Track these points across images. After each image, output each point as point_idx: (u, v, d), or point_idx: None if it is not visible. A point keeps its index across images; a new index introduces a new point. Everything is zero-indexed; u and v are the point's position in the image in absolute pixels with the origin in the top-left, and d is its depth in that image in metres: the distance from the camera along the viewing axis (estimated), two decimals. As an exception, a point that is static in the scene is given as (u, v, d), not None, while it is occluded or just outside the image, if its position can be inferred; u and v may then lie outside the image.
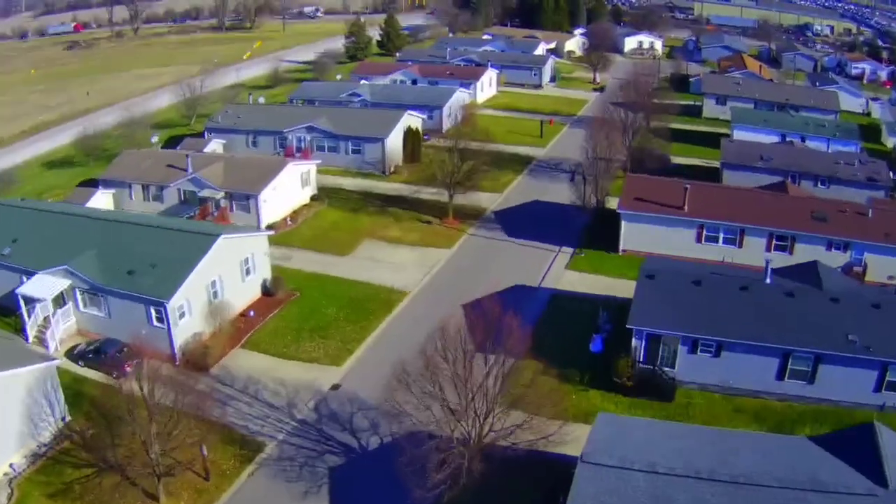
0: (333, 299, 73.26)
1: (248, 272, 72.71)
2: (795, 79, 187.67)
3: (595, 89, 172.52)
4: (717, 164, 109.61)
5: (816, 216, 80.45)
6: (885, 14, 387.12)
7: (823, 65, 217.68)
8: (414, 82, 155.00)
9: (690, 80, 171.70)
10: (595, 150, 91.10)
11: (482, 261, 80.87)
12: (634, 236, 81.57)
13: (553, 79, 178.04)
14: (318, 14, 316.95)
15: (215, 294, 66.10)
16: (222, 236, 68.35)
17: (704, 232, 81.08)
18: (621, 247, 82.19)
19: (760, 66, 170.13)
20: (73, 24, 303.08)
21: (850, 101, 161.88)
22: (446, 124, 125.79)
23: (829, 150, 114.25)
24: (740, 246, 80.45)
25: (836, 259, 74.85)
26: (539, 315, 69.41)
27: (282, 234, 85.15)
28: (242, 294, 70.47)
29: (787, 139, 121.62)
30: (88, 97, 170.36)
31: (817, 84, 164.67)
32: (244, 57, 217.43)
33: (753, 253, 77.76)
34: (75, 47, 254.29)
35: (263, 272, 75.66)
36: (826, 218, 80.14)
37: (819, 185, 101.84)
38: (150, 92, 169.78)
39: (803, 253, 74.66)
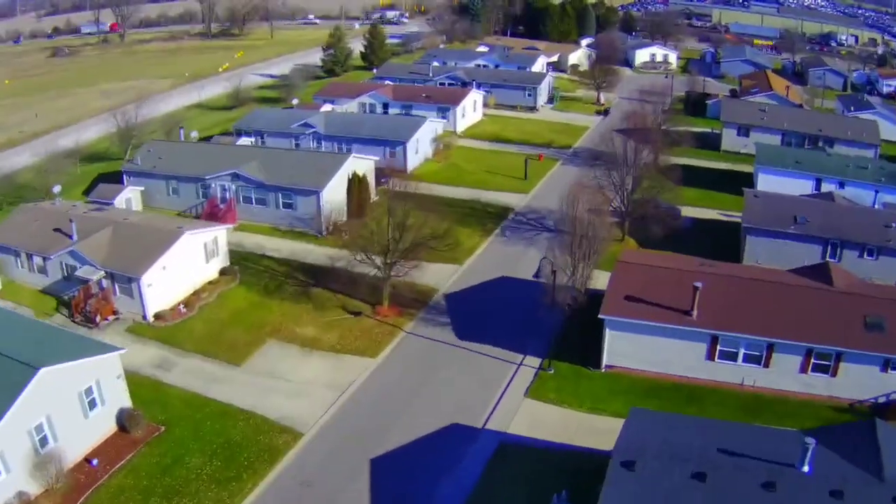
0: (205, 441, 53.87)
1: (92, 405, 53.61)
2: (824, 97, 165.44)
3: (598, 112, 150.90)
4: (738, 216, 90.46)
5: (871, 323, 59.78)
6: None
7: (853, 81, 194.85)
8: (385, 107, 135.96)
9: (708, 101, 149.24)
10: (573, 226, 68.23)
11: (414, 380, 61.58)
12: (623, 349, 61.32)
13: (551, 100, 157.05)
14: (312, 20, 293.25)
15: (43, 441, 48.72)
16: (43, 370, 48.50)
17: (718, 347, 60.85)
18: (605, 362, 62.18)
19: (788, 87, 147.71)
20: (109, 24, 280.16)
21: (889, 129, 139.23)
22: (412, 163, 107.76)
23: (876, 203, 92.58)
24: (766, 365, 60.21)
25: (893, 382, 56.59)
26: (472, 487, 50.50)
27: (168, 330, 67.83)
28: (85, 434, 52.55)
29: (824, 187, 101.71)
30: (37, 119, 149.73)
31: (852, 108, 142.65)
32: (220, 69, 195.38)
33: (783, 374, 59.29)
34: (60, 54, 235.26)
35: (117, 401, 56.04)
36: (883, 325, 59.37)
37: (866, 255, 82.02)
38: (94, 116, 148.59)
39: (849, 375, 57.66)
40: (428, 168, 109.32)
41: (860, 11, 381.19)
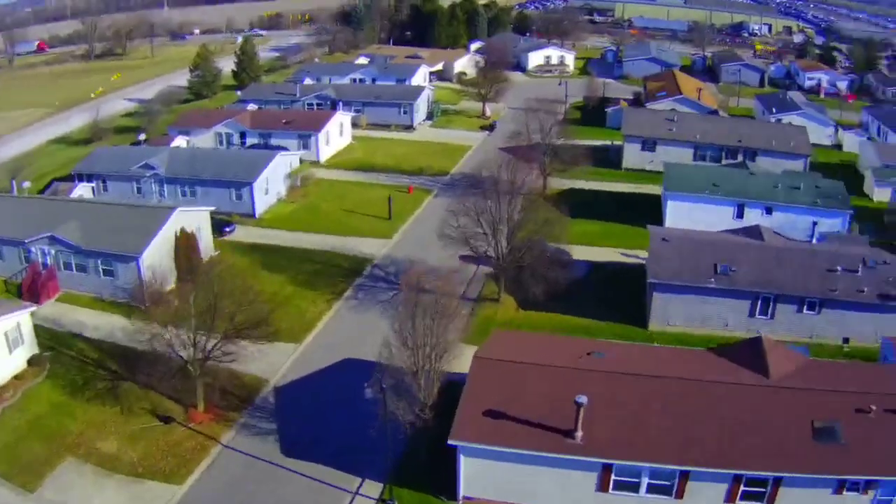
0: None
1: None
2: (740, 96, 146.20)
3: (483, 127, 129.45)
4: (644, 257, 74.22)
5: (820, 430, 43.15)
6: (819, 6, 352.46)
7: (770, 75, 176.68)
8: (243, 137, 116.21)
9: (607, 109, 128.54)
10: (410, 312, 48.40)
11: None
12: (484, 479, 45.12)
13: (431, 115, 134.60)
14: (196, 34, 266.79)
15: None
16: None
17: (613, 476, 43.23)
18: (461, 493, 45.50)
19: (700, 90, 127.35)
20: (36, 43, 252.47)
21: (816, 131, 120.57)
22: (261, 206, 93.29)
23: (813, 237, 74.86)
24: (679, 496, 42.72)
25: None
26: None
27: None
28: None
29: (747, 214, 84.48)
30: None
31: (773, 110, 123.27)
32: (93, 95, 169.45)
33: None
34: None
35: None
36: (837, 433, 42.96)
37: (805, 310, 64.49)
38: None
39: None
40: (280, 210, 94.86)
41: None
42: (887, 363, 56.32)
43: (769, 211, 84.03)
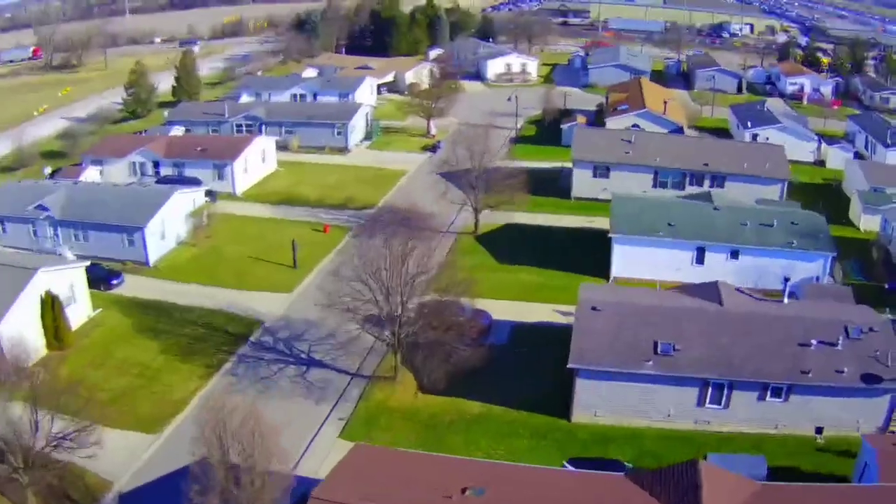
0: None
1: None
2: (714, 104, 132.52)
3: (426, 147, 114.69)
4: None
5: None
6: (804, 4, 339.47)
7: (749, 80, 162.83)
8: (156, 166, 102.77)
9: (563, 126, 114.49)
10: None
11: None
12: None
13: (369, 136, 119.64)
14: (157, 42, 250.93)
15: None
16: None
17: None
18: None
19: (666, 103, 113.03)
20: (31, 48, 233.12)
21: (797, 147, 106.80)
22: (157, 253, 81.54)
23: (785, 295, 58.51)
24: None
25: None
26: None
27: None
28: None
29: (709, 259, 72.10)
30: None
31: (748, 124, 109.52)
32: (36, 113, 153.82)
33: None
34: None
35: None
36: None
37: (769, 397, 51.46)
38: None
39: None
40: (178, 257, 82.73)
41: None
42: (863, 484, 42.32)
43: (735, 255, 71.16)
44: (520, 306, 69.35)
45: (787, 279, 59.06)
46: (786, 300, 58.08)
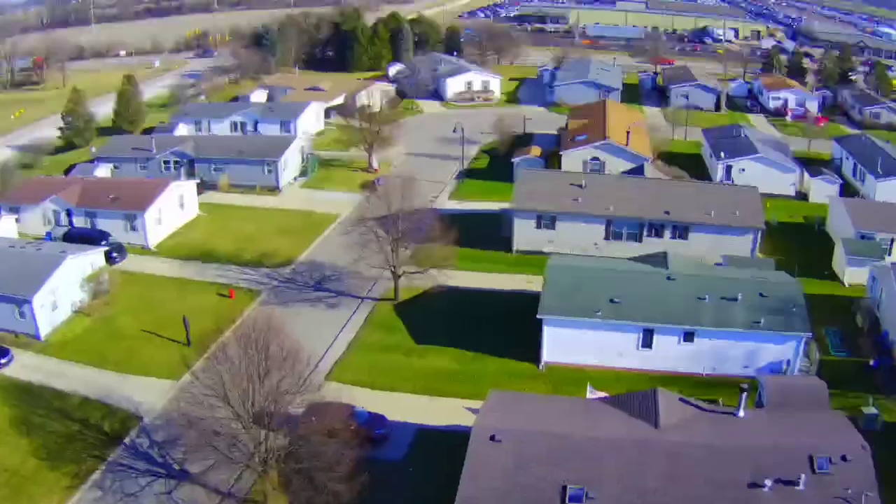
0: None
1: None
2: (688, 124, 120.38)
3: (365, 185, 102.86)
4: None
5: None
6: (791, 4, 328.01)
7: (730, 94, 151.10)
8: (70, 215, 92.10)
9: (514, 160, 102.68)
10: None
11: None
12: None
13: (305, 172, 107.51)
14: (121, 55, 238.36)
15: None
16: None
17: None
18: None
19: (629, 131, 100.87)
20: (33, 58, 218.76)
21: (776, 179, 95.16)
22: (48, 325, 71.98)
23: (739, 409, 46.69)
24: None
25: None
26: None
27: None
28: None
29: (658, 343, 60.95)
30: None
31: (722, 154, 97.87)
32: None
33: None
34: None
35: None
36: None
37: None
38: None
39: None
40: (72, 329, 72.69)
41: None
42: None
43: (689, 337, 58.52)
44: (429, 403, 58.93)
45: (742, 389, 46.67)
46: (741, 413, 46.01)
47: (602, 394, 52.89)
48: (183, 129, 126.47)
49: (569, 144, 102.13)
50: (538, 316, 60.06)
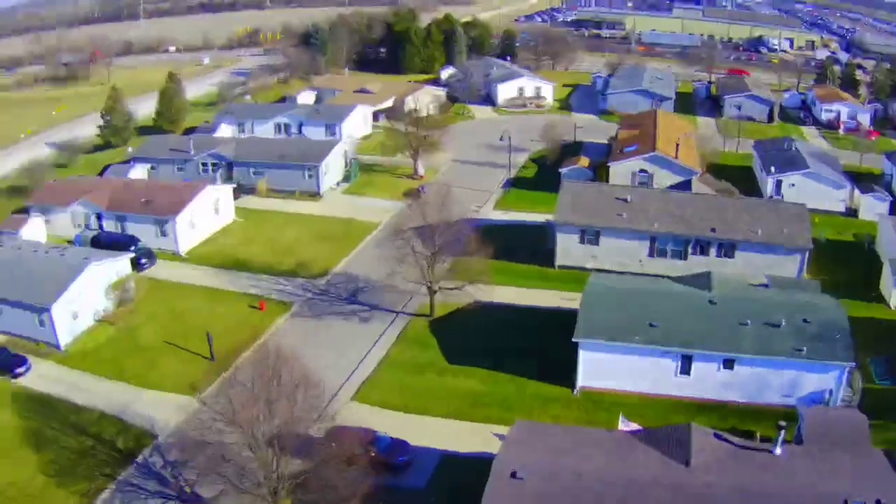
0: None
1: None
2: (741, 137, 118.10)
3: (409, 192, 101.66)
4: None
5: None
6: (845, 15, 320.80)
7: (783, 104, 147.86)
8: (100, 219, 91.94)
9: (561, 170, 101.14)
10: None
11: None
12: None
13: (348, 178, 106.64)
14: (171, 51, 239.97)
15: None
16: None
17: None
18: None
19: (678, 143, 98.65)
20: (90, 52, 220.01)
21: (826, 195, 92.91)
22: (68, 335, 70.99)
23: (779, 443, 46.38)
24: None
25: None
26: None
27: None
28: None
29: (696, 371, 59.65)
30: None
31: (773, 169, 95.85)
32: (22, 136, 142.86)
33: None
34: None
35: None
36: None
37: None
38: None
39: None
40: (93, 339, 71.70)
41: (797, 5, 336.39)
42: None
43: (729, 364, 56.42)
44: (456, 426, 57.39)
45: (781, 426, 44.83)
46: (777, 450, 44.28)
47: (635, 425, 51.24)
48: (226, 130, 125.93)
49: (617, 156, 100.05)
50: (574, 339, 58.39)
